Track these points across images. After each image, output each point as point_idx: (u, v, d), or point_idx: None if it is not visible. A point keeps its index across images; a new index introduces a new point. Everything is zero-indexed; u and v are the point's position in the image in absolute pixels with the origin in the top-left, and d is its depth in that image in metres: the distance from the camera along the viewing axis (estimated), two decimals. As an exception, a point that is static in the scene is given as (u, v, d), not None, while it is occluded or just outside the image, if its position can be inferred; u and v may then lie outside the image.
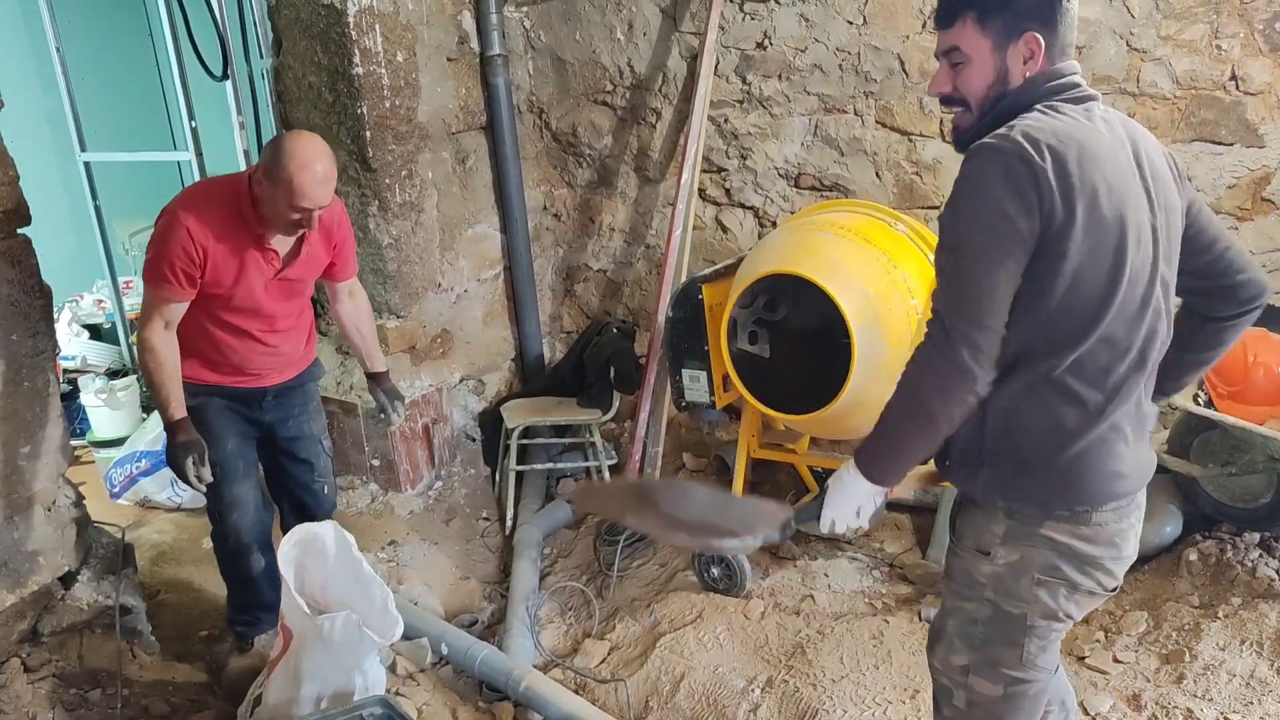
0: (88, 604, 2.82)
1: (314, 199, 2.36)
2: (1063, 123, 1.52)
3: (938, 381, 1.56)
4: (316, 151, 2.36)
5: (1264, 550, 2.93)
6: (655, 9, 3.83)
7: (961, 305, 1.53)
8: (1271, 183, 3.03)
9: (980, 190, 1.50)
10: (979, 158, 1.50)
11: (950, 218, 1.55)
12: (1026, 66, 1.58)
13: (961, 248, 1.53)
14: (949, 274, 1.55)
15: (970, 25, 1.60)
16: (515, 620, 3.18)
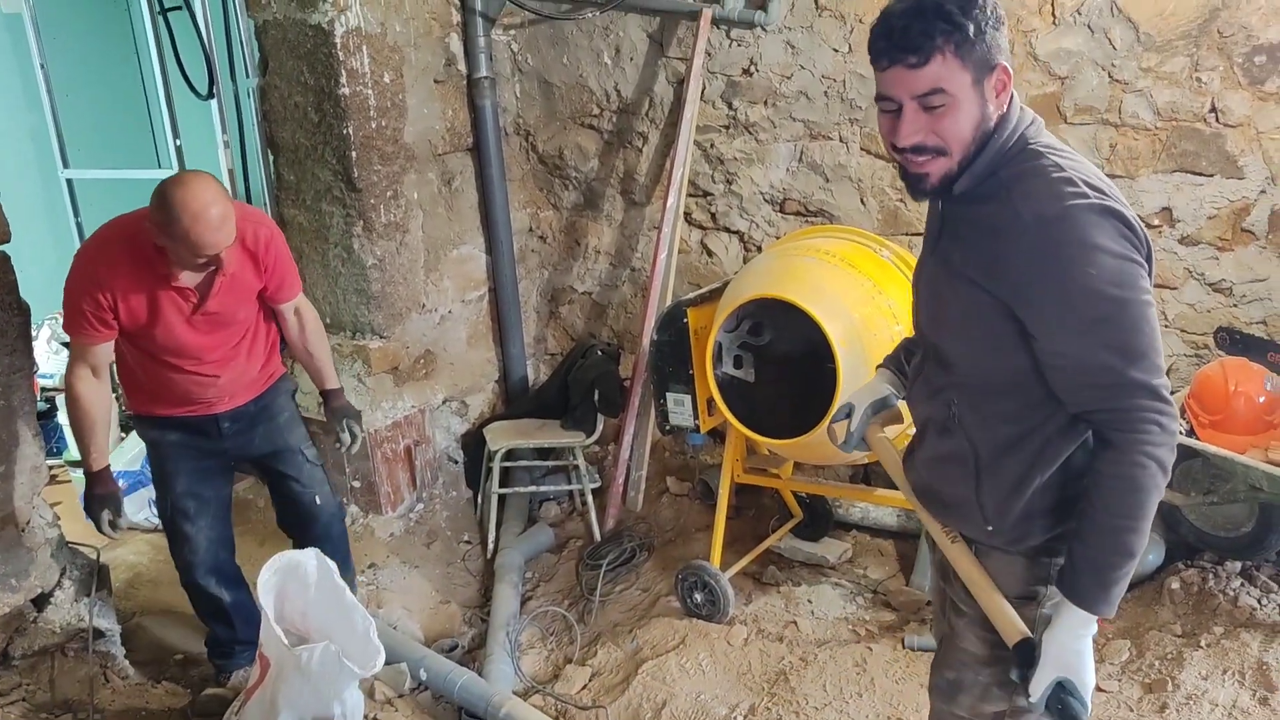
0: (61, 626, 2.78)
1: (216, 245, 2.29)
2: (1081, 164, 1.47)
3: (1167, 459, 1.43)
4: (207, 198, 2.25)
5: (1245, 579, 2.94)
6: (642, 34, 3.85)
7: (1153, 361, 1.41)
8: (1251, 214, 3.06)
9: (1096, 245, 1.38)
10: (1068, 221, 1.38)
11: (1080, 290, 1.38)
12: (1000, 99, 1.45)
13: (1124, 305, 1.39)
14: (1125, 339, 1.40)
15: (950, 59, 1.39)
16: (496, 645, 3.15)
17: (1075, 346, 1.42)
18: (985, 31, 1.40)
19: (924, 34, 1.39)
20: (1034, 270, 1.42)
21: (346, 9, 3.39)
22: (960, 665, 1.77)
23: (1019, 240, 1.42)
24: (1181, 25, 2.98)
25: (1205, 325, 3.19)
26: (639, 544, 3.74)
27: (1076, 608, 1.48)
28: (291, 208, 3.77)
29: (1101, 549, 1.46)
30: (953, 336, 1.61)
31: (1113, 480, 1.44)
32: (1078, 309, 1.40)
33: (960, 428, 1.63)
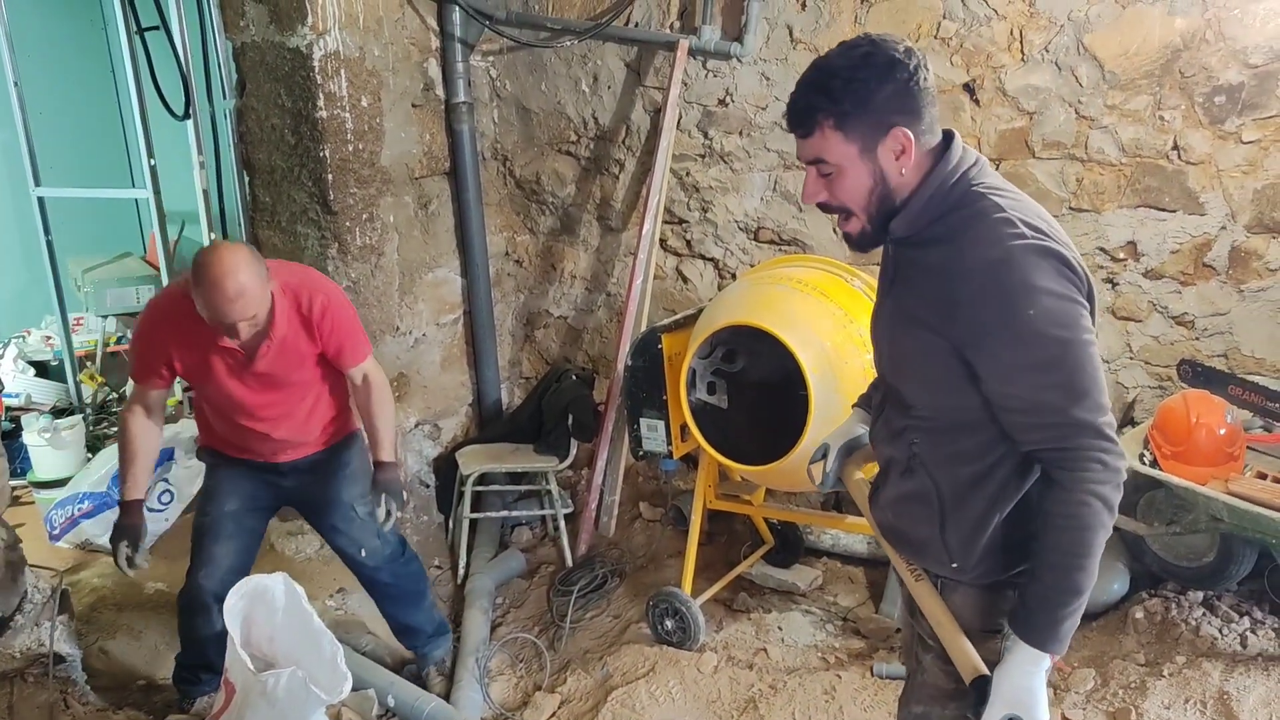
0: (20, 651, 2.73)
1: (228, 315, 2.36)
2: (1022, 204, 1.50)
3: (1113, 497, 1.44)
4: (228, 268, 2.32)
5: (1207, 609, 2.98)
6: (620, 63, 3.89)
7: (1096, 400, 1.43)
8: (1212, 249, 3.13)
9: (1036, 286, 1.40)
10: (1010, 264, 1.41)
11: (1023, 331, 1.41)
12: (900, 162, 1.50)
13: (1065, 345, 1.41)
14: (1067, 377, 1.42)
15: (830, 132, 1.48)
16: (464, 672, 3.12)
17: (1021, 387, 1.45)
18: (869, 103, 1.46)
19: (806, 109, 1.50)
20: (979, 313, 1.44)
21: (325, 33, 3.40)
22: (927, 699, 1.79)
23: (965, 284, 1.45)
24: (1145, 65, 3.06)
25: (1169, 357, 3.25)
26: (611, 570, 3.74)
27: (1027, 645, 1.49)
28: (267, 229, 3.76)
29: (1050, 586, 1.47)
30: (910, 378, 1.64)
31: (1059, 519, 1.46)
32: (1022, 350, 1.42)
33: (922, 467, 1.64)
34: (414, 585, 3.10)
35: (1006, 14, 3.19)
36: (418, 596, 3.12)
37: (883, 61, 1.46)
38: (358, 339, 2.73)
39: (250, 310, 2.39)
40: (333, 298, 2.66)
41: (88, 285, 5.17)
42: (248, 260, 2.37)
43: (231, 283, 2.32)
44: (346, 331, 2.68)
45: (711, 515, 3.66)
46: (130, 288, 5.25)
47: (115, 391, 5.04)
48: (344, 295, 2.75)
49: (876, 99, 1.46)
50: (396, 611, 3.13)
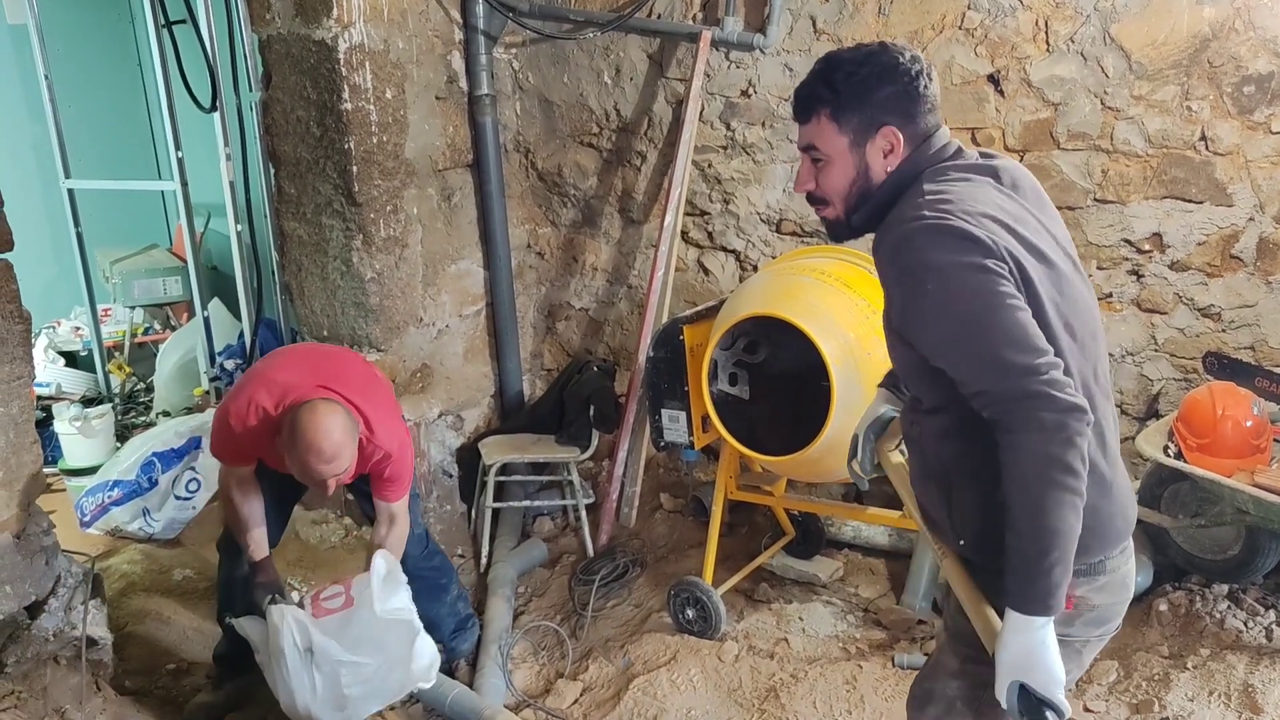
0: (54, 634, 2.77)
1: (321, 475, 2.45)
2: (955, 187, 1.54)
3: (1066, 449, 1.41)
4: (323, 431, 2.40)
5: (1232, 602, 2.96)
6: (642, 55, 3.90)
7: (1013, 357, 1.43)
8: (1239, 241, 3.10)
9: (934, 264, 1.45)
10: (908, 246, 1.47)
11: (930, 305, 1.47)
12: (887, 160, 1.59)
13: (967, 314, 1.45)
14: (974, 346, 1.45)
15: (825, 122, 1.59)
16: (487, 659, 3.15)
17: (945, 361, 1.51)
18: (865, 99, 1.56)
19: (808, 98, 1.61)
20: (894, 297, 1.55)
21: (350, 25, 3.43)
22: (935, 677, 1.81)
23: (882, 271, 1.56)
24: (1172, 55, 3.03)
25: (1194, 350, 3.23)
26: (632, 560, 3.75)
27: (1010, 610, 1.49)
28: (291, 220, 3.80)
29: (1016, 549, 1.47)
30: (900, 369, 1.73)
31: (1009, 482, 1.46)
32: (933, 327, 1.50)
33: (923, 445, 1.70)
34: (435, 579, 3.14)
35: (1031, 4, 3.17)
36: (439, 591, 3.15)
37: (887, 63, 1.56)
38: (401, 488, 2.77)
39: (341, 468, 2.47)
40: (397, 454, 2.68)
41: (115, 276, 5.24)
42: (343, 424, 2.44)
43: (329, 444, 2.40)
44: (395, 479, 2.73)
45: (732, 506, 3.67)
46: (157, 279, 5.32)
47: (143, 381, 5.11)
48: (409, 445, 2.77)
49: (873, 97, 1.56)
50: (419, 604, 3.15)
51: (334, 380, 2.61)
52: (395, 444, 2.67)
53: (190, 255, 4.46)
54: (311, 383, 2.56)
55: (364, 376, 2.78)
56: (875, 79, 1.55)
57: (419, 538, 3.05)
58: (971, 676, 1.69)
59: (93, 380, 5.10)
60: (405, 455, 2.72)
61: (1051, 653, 1.48)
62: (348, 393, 2.58)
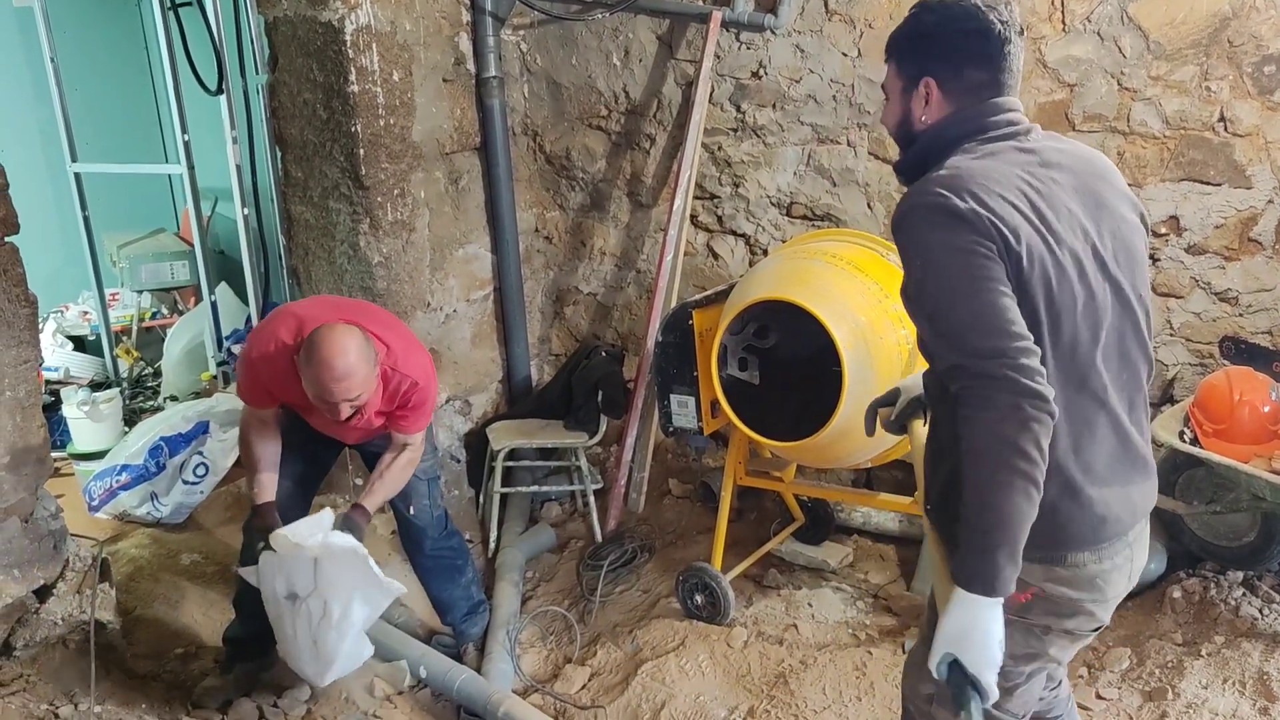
0: (62, 618, 2.78)
1: (333, 394, 2.44)
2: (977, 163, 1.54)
3: (1018, 431, 1.41)
4: (339, 348, 2.39)
5: (1247, 589, 2.93)
6: (652, 36, 3.86)
7: (978, 339, 1.44)
8: (1258, 223, 3.06)
9: (924, 242, 1.50)
10: (906, 222, 1.53)
11: (914, 281, 1.52)
12: (925, 111, 1.63)
13: (940, 292, 1.48)
14: (945, 324, 1.49)
15: (892, 66, 1.69)
16: (495, 644, 3.15)
17: (922, 333, 1.58)
18: (913, 48, 1.64)
19: (888, 41, 1.70)
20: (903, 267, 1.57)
21: (357, 7, 3.40)
22: (920, 639, 1.87)
23: (896, 243, 1.59)
24: (1191, 34, 2.98)
25: (1211, 334, 3.19)
26: (640, 545, 3.74)
27: (954, 584, 1.49)
28: (299, 204, 3.78)
29: (964, 525, 1.48)
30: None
31: (963, 460, 1.47)
32: (915, 302, 1.54)
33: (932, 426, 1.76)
34: (452, 561, 3.15)
35: (1048, -17, 3.12)
36: (454, 572, 3.17)
37: (960, 12, 1.57)
38: (421, 421, 2.77)
39: (354, 392, 2.46)
40: (421, 387, 2.69)
41: (123, 261, 5.23)
42: (359, 345, 2.44)
43: (341, 362, 2.39)
44: (416, 412, 2.73)
45: (741, 492, 3.65)
46: (164, 263, 5.31)
47: (150, 366, 5.11)
48: (434, 378, 2.77)
49: (927, 46, 1.61)
50: (432, 584, 3.19)
51: (356, 314, 2.63)
52: (422, 374, 2.69)
53: (197, 239, 4.45)
54: (333, 316, 2.56)
55: (387, 317, 2.82)
56: (935, 28, 1.60)
57: (439, 519, 3.07)
58: None
59: (100, 365, 5.10)
60: (431, 386, 2.73)
61: (989, 635, 1.47)
62: (370, 325, 2.58)
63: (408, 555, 3.21)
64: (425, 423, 2.79)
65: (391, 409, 2.69)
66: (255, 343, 2.64)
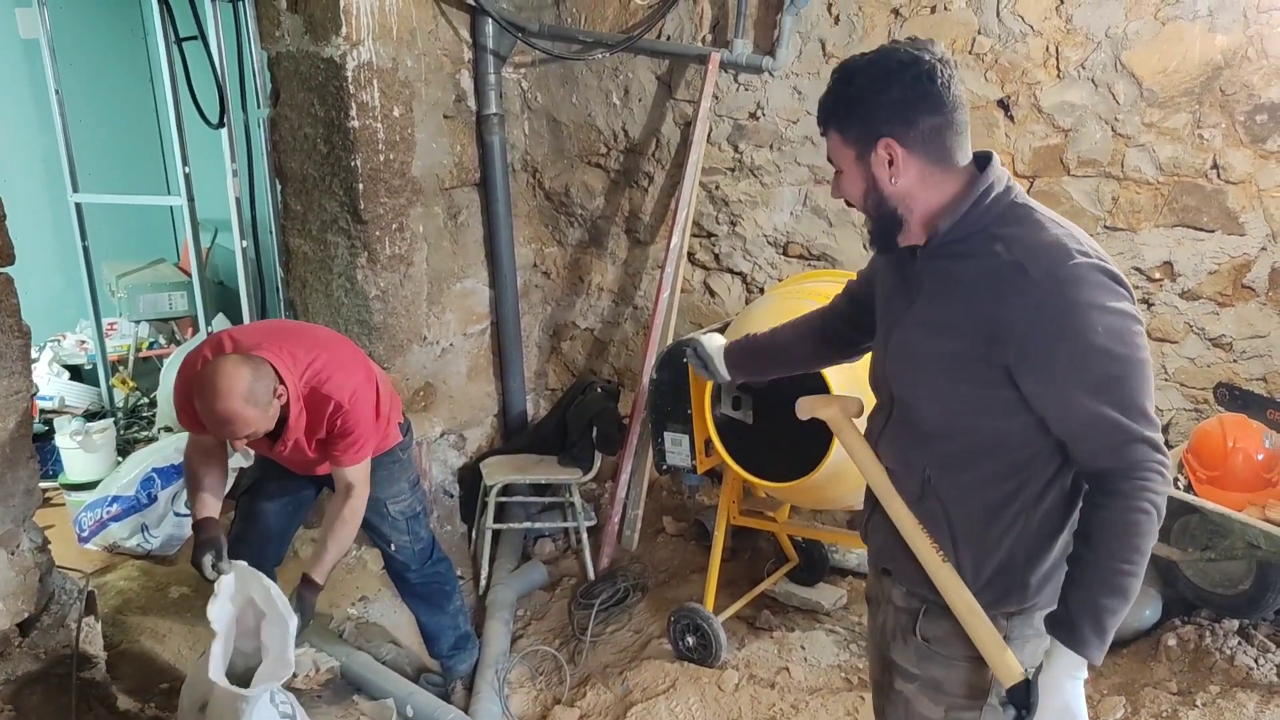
0: (45, 652, 2.75)
1: (217, 433, 2.44)
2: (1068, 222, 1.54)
3: (1164, 507, 1.47)
4: (221, 391, 2.31)
5: (1242, 638, 2.91)
6: (651, 76, 3.89)
7: (1154, 417, 1.47)
8: (1251, 270, 3.06)
9: (1101, 306, 1.42)
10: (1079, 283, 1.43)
11: (1095, 351, 1.42)
12: (891, 172, 1.51)
13: (1129, 368, 1.44)
14: (1130, 400, 1.44)
15: (834, 136, 1.57)
16: (484, 684, 3.11)
17: (1085, 404, 1.45)
18: (861, 110, 1.51)
19: (820, 111, 1.61)
20: (1040, 330, 1.44)
21: (359, 43, 3.43)
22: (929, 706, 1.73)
23: (1026, 297, 1.44)
24: (1184, 82, 3.01)
25: (1205, 380, 3.19)
26: (633, 584, 3.71)
27: (1071, 651, 1.48)
28: (297, 237, 3.80)
29: (1101, 591, 1.47)
30: (931, 399, 1.61)
31: (1118, 525, 1.45)
32: (1085, 368, 1.43)
33: (935, 496, 1.64)
34: (440, 586, 3.12)
35: (1043, 30, 3.15)
36: (443, 598, 3.13)
37: (882, 71, 1.49)
38: (357, 453, 2.64)
39: (240, 434, 2.39)
40: (352, 417, 2.57)
41: (122, 290, 5.24)
42: (244, 386, 2.32)
43: (220, 407, 2.32)
44: (344, 439, 2.60)
45: (736, 531, 3.63)
46: (163, 293, 5.32)
47: (146, 396, 5.10)
48: (365, 402, 2.62)
49: (868, 107, 1.50)
50: (420, 611, 3.16)
51: (290, 337, 2.58)
52: (348, 396, 2.55)
53: (195, 270, 4.45)
54: (261, 339, 2.52)
55: (329, 336, 2.76)
56: (871, 89, 1.50)
57: (422, 552, 3.03)
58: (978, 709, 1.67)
59: (96, 394, 5.09)
60: (357, 411, 2.57)
61: (1083, 702, 1.51)
62: (298, 347, 2.53)
63: (395, 586, 3.18)
64: (361, 456, 2.64)
65: (324, 436, 2.59)
66: (184, 363, 2.58)
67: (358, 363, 2.71)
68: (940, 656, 1.68)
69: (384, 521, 2.92)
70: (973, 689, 1.67)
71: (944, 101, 1.49)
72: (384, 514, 2.91)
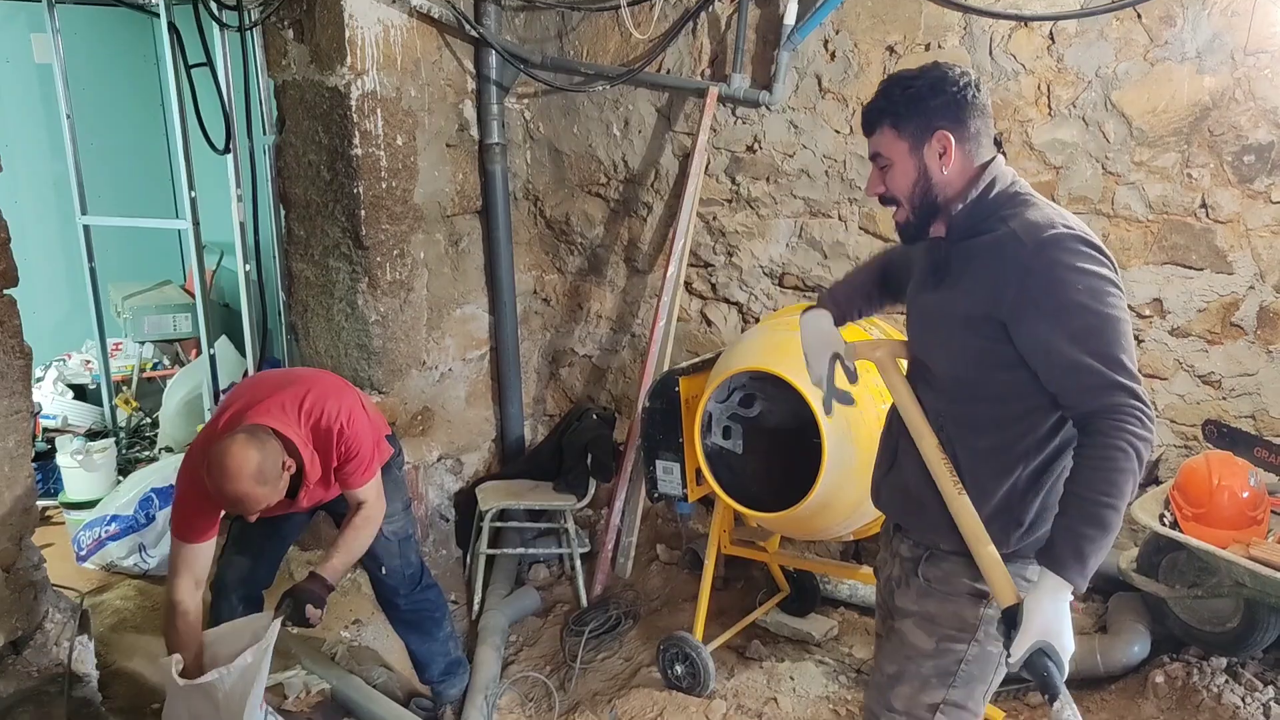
0: (39, 670, 2.78)
1: (234, 510, 2.49)
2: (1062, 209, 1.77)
3: (1145, 452, 1.61)
4: (232, 472, 2.35)
5: (1230, 676, 2.90)
6: (651, 108, 3.95)
7: (1134, 366, 1.63)
8: (1240, 308, 3.09)
9: (1085, 270, 1.63)
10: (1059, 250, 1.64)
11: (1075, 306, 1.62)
12: (943, 161, 1.76)
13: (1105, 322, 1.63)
14: (1109, 351, 1.62)
15: (888, 132, 1.79)
16: (473, 709, 3.12)
17: (1065, 352, 1.63)
18: (918, 108, 1.76)
19: (873, 112, 1.82)
20: (1028, 284, 1.65)
21: (363, 73, 3.50)
22: (904, 659, 1.93)
23: (1018, 260, 1.67)
24: (1173, 122, 3.05)
25: (1194, 417, 3.21)
26: (624, 612, 3.73)
27: (1054, 574, 1.63)
28: (300, 261, 3.85)
29: (1080, 520, 1.62)
30: (945, 356, 1.85)
31: (1096, 460, 1.62)
32: (1066, 320, 1.63)
33: (948, 443, 1.84)
34: (430, 613, 3.13)
35: (1034, 69, 3.20)
36: (432, 625, 3.14)
37: (937, 77, 1.76)
38: (365, 472, 2.70)
39: (255, 508, 2.44)
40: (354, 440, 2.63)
41: (127, 311, 5.29)
42: (253, 468, 2.36)
43: (231, 489, 2.36)
44: (352, 467, 2.67)
45: (729, 560, 3.65)
46: (168, 315, 5.37)
47: (148, 416, 5.14)
48: (356, 412, 2.69)
49: (926, 106, 1.75)
50: (410, 638, 3.17)
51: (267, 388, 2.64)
52: (344, 418, 2.62)
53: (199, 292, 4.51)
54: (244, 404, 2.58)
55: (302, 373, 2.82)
56: (928, 90, 1.74)
57: (412, 576, 3.05)
58: (948, 654, 1.88)
59: (99, 414, 5.14)
60: (356, 428, 2.64)
61: (1070, 624, 1.65)
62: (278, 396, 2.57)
63: (385, 613, 3.19)
64: (369, 474, 2.70)
65: (332, 467, 2.64)
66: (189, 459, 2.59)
67: (339, 386, 2.79)
68: (938, 593, 1.89)
69: (376, 543, 2.91)
70: (963, 622, 1.86)
71: (985, 109, 1.78)
72: (378, 535, 2.90)
